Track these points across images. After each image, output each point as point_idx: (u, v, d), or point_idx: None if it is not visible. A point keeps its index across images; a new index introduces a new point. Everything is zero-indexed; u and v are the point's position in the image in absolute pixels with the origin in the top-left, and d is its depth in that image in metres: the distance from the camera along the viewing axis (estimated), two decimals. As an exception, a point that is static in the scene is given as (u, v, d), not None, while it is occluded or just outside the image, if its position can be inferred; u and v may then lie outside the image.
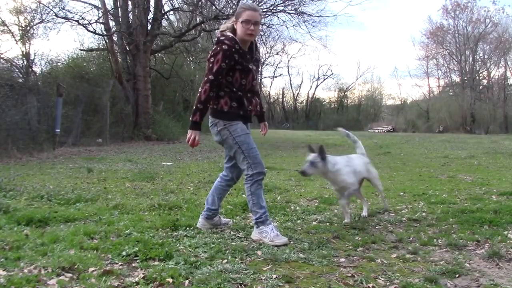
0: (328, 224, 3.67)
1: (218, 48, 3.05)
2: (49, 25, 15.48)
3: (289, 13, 19.18)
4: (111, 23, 16.09)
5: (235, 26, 3.16)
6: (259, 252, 2.82)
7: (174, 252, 2.75)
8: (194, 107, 3.09)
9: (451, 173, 7.25)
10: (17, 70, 13.98)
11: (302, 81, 70.91)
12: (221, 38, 3.12)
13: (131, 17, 16.53)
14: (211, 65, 3.06)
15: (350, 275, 2.45)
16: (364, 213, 3.97)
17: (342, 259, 2.75)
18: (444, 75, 42.62)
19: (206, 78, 3.06)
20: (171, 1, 18.99)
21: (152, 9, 16.99)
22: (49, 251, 2.70)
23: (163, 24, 19.31)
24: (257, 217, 3.12)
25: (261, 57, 3.54)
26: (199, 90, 3.08)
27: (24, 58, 14.72)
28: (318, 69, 74.07)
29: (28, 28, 15.15)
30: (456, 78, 41.18)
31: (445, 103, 37.41)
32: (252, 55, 3.23)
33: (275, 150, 12.76)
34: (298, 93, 52.52)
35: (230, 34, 3.14)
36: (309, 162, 3.53)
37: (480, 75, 39.07)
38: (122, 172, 6.99)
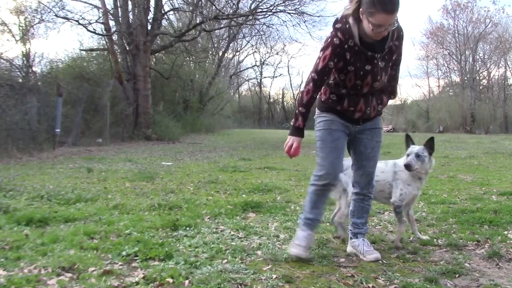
0: (328, 224, 3.67)
1: (329, 40, 2.53)
2: (49, 25, 15.53)
3: (289, 13, 19.24)
4: (111, 23, 16.10)
5: (361, 17, 2.48)
6: (259, 252, 2.83)
7: (174, 252, 2.75)
8: (296, 111, 2.65)
9: (451, 173, 7.24)
10: (17, 70, 13.99)
11: (302, 81, 70.38)
12: (337, 25, 2.54)
13: (131, 17, 16.53)
14: (318, 60, 2.57)
15: (350, 275, 2.45)
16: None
17: (342, 259, 2.75)
18: (444, 75, 42.57)
19: (310, 76, 2.59)
20: (171, 1, 19.04)
21: (152, 9, 17.00)
22: (49, 251, 2.70)
23: (163, 24, 19.32)
24: (302, 217, 2.83)
25: (402, 35, 2.65)
26: (301, 90, 2.64)
27: (24, 58, 14.74)
28: (318, 69, 74.04)
29: (28, 28, 15.16)
30: (456, 78, 41.14)
31: (445, 103, 37.36)
32: (383, 47, 2.57)
33: (275, 150, 12.74)
34: (298, 93, 52.53)
35: (349, 23, 2.51)
36: (415, 154, 2.98)
37: (480, 75, 39.03)
38: (122, 172, 6.99)
